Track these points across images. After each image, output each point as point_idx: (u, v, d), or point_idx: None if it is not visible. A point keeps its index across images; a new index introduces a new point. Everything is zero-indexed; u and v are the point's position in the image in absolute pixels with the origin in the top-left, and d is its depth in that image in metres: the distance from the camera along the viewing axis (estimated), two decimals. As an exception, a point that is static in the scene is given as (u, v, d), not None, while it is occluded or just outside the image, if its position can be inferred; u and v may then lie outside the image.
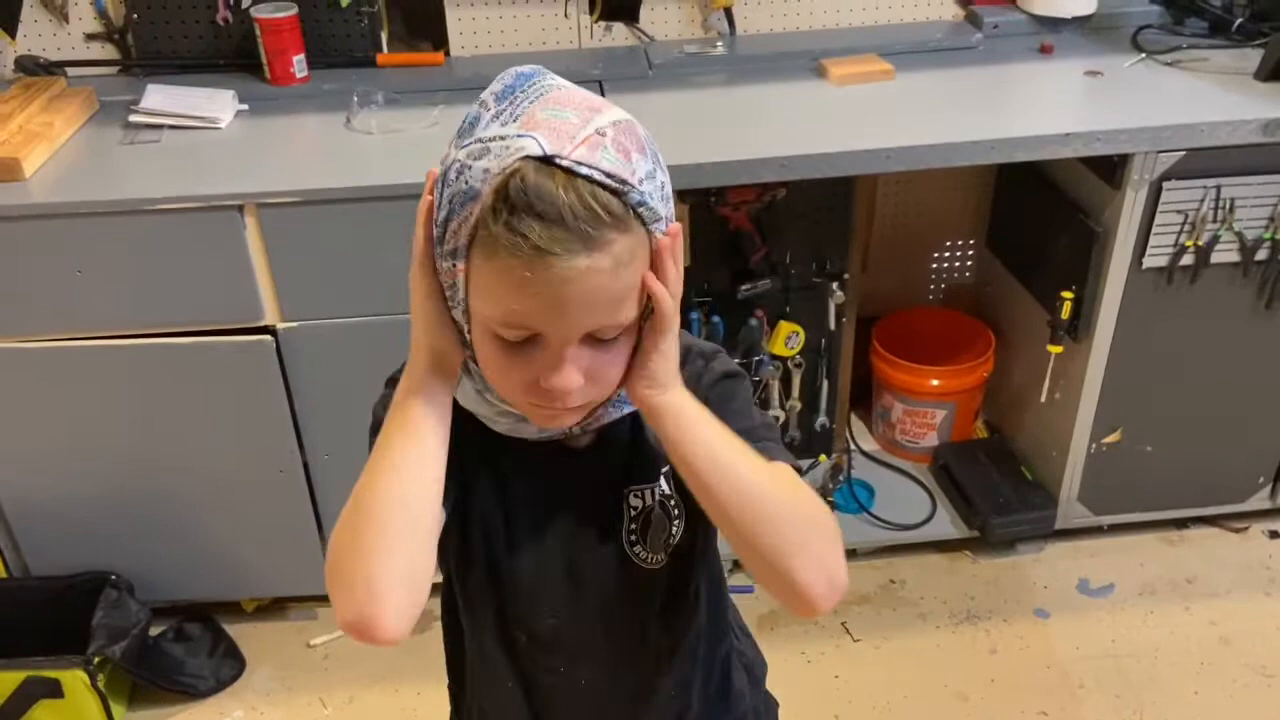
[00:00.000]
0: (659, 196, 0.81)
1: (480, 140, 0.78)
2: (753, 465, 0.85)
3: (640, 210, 0.78)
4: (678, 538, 0.97)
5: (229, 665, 2.12)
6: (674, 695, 1.06)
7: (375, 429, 0.92)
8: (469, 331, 0.84)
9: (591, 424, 0.92)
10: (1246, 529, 2.37)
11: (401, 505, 0.83)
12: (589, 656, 1.01)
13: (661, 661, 1.03)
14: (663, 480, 0.96)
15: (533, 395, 0.83)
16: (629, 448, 0.95)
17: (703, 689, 1.08)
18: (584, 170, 0.76)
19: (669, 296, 0.82)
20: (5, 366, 1.89)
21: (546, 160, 0.75)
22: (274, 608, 2.25)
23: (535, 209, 0.74)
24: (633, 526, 0.96)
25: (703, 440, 0.84)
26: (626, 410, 0.93)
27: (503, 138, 0.77)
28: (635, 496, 0.96)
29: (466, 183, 0.77)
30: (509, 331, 0.80)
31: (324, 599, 2.22)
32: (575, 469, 0.95)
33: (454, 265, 0.80)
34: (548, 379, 0.81)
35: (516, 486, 0.96)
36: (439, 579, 0.98)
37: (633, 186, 0.77)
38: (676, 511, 0.96)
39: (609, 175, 0.76)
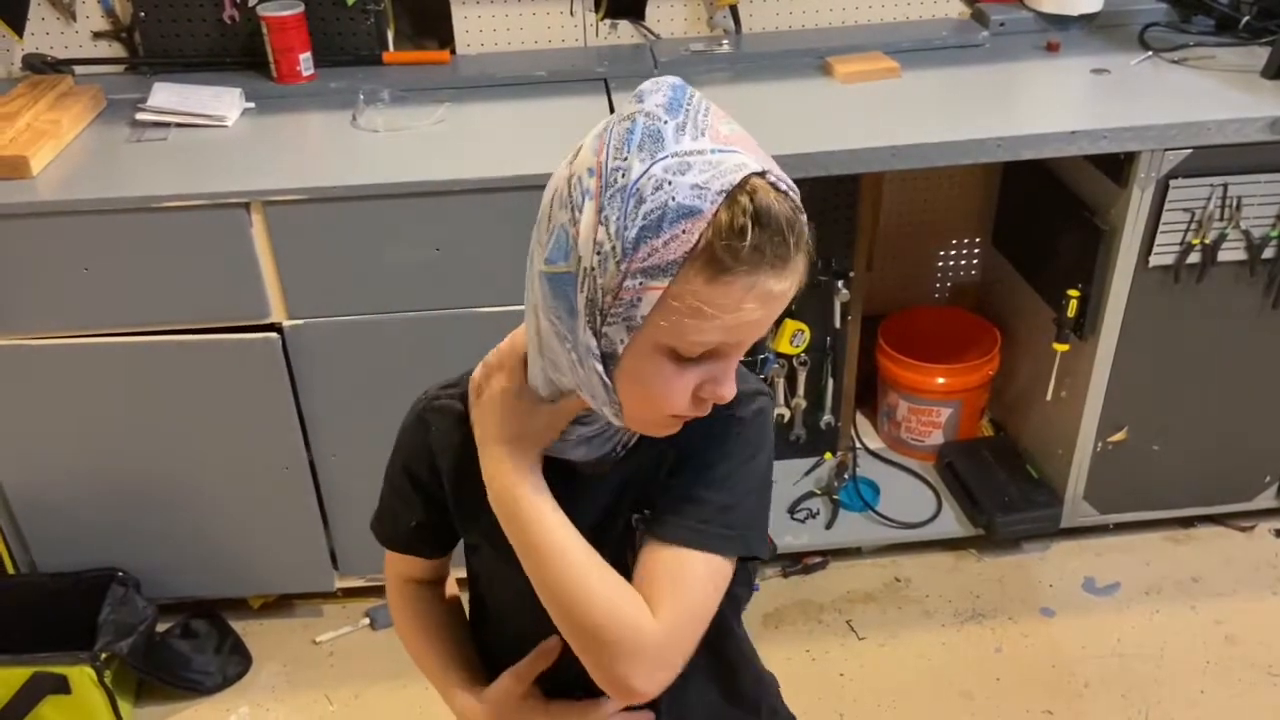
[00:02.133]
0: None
1: (676, 155, 0.75)
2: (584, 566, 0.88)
3: (808, 237, 0.80)
4: None
5: (235, 662, 2.12)
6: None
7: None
8: (620, 351, 0.79)
9: (629, 441, 0.93)
10: (1253, 528, 2.37)
11: (589, 593, 0.87)
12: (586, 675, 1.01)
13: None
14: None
15: (691, 407, 0.83)
16: (642, 467, 0.94)
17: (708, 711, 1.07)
18: (784, 186, 0.78)
19: None
20: (13, 364, 1.90)
21: (760, 176, 0.76)
22: (280, 605, 2.25)
23: (772, 226, 0.75)
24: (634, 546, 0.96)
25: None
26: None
27: (700, 152, 0.75)
28: (639, 518, 0.95)
29: (674, 199, 0.74)
30: (697, 348, 0.79)
31: (330, 596, 2.23)
32: (592, 494, 0.94)
33: (642, 283, 0.76)
34: (716, 390, 0.82)
35: None
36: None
37: (800, 205, 0.80)
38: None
39: (795, 192, 0.79)
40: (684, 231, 0.74)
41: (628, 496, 0.94)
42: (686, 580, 0.88)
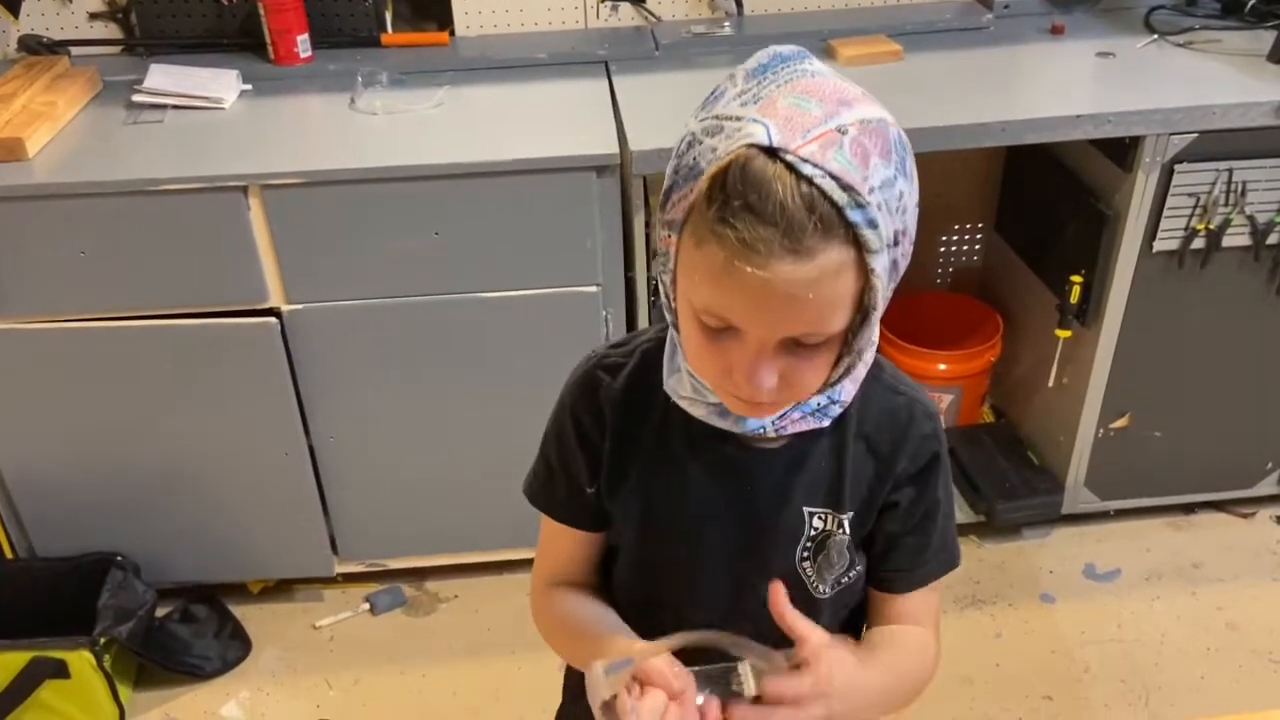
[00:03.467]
0: (889, 208, 0.74)
1: (717, 117, 0.75)
2: (890, 689, 0.95)
3: (861, 230, 0.72)
4: (848, 583, 0.97)
5: (235, 647, 2.12)
6: None
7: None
8: (674, 303, 0.83)
9: (785, 428, 0.90)
10: (1254, 514, 2.37)
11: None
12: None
13: None
14: (847, 521, 0.95)
15: (727, 382, 0.81)
16: (824, 468, 0.93)
17: None
18: (807, 169, 0.71)
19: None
20: (10, 348, 1.89)
21: (771, 151, 0.71)
22: (280, 589, 2.25)
23: (748, 201, 0.71)
24: (808, 544, 0.94)
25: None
26: (825, 423, 0.90)
27: (738, 118, 0.74)
28: (819, 518, 0.94)
29: (694, 159, 0.75)
30: (710, 319, 0.78)
31: (329, 581, 2.23)
32: (762, 471, 0.93)
33: (669, 235, 0.79)
34: (741, 374, 0.79)
35: (700, 476, 0.94)
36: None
37: (859, 195, 0.72)
38: (856, 563, 0.97)
39: (834, 178, 0.71)
40: (689, 192, 0.75)
41: (801, 480, 0.93)
42: (939, 608, 1.04)
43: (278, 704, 2.04)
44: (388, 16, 2.20)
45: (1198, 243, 1.97)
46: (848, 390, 0.90)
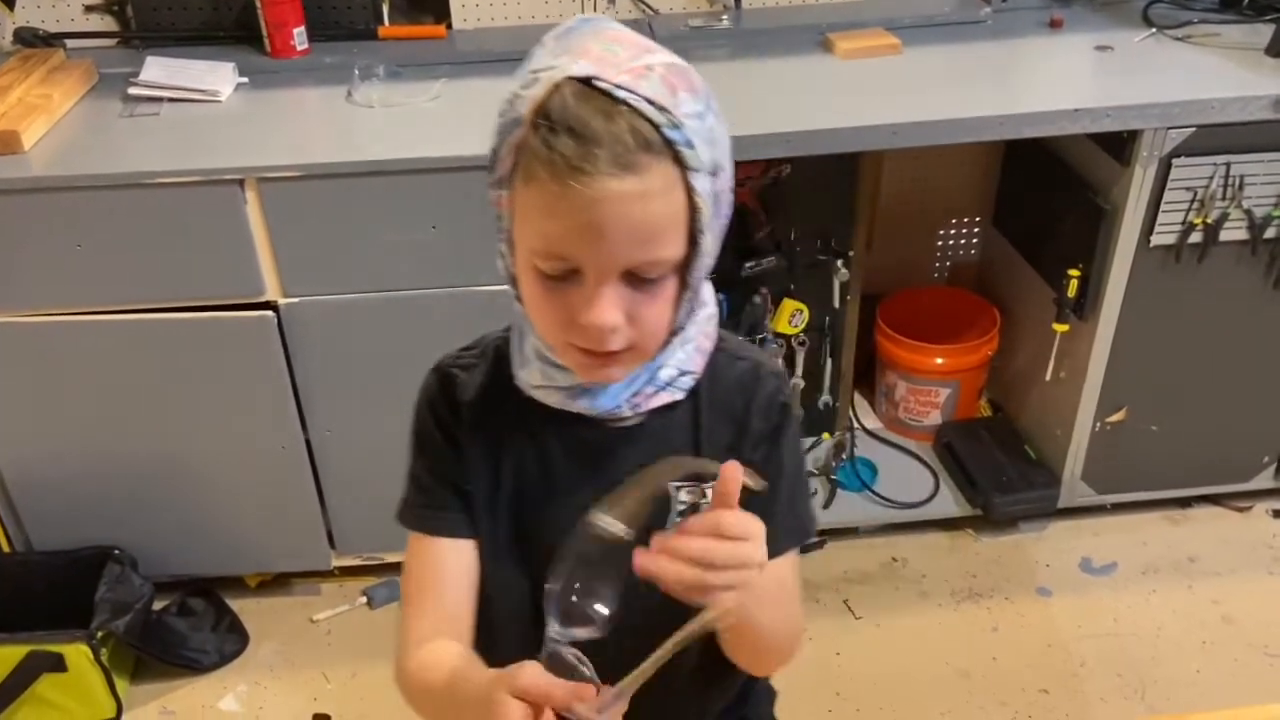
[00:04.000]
0: (704, 138, 0.79)
1: (532, 72, 0.79)
2: (780, 619, 0.94)
3: (679, 148, 0.77)
4: None
5: (232, 640, 2.12)
6: (693, 695, 1.05)
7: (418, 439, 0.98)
8: (514, 265, 0.85)
9: (640, 405, 0.91)
10: (1250, 508, 2.37)
11: None
12: (617, 642, 1.00)
13: (688, 658, 1.01)
14: (710, 491, 0.94)
15: (572, 334, 0.82)
16: (683, 441, 0.94)
17: (722, 694, 1.08)
18: (622, 94, 0.76)
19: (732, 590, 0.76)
20: (6, 341, 1.89)
21: (587, 82, 0.76)
22: (277, 583, 2.25)
23: (570, 125, 0.75)
24: (677, 520, 0.94)
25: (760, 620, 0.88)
26: (680, 395, 0.92)
27: (551, 66, 0.78)
28: (685, 492, 0.94)
29: (514, 111, 0.79)
30: (547, 263, 0.80)
31: (327, 574, 2.23)
32: (624, 451, 0.94)
33: (500, 194, 0.82)
34: (585, 315, 0.80)
35: (563, 465, 0.95)
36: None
37: (673, 116, 0.76)
38: None
39: (649, 101, 0.76)
40: (513, 140, 0.79)
41: (660, 457, 0.92)
42: (796, 577, 1.00)
43: (275, 697, 2.04)
44: (384, 9, 2.19)
45: (1195, 237, 1.97)
46: (696, 361, 0.93)
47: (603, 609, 0.80)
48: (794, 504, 0.99)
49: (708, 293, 0.92)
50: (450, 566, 0.98)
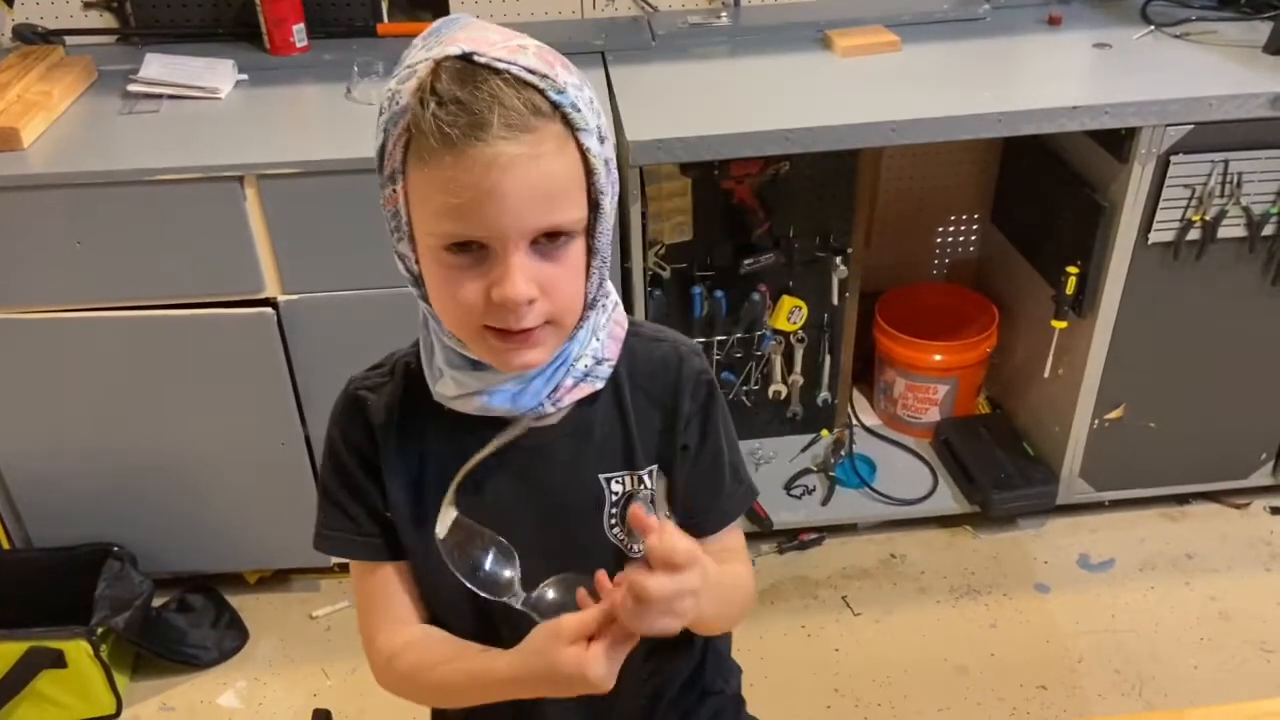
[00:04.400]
0: (588, 106, 0.81)
1: (408, 67, 0.80)
2: (731, 597, 0.95)
3: (566, 110, 0.79)
4: None
5: (232, 636, 2.13)
6: (648, 679, 1.05)
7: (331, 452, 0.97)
8: (417, 264, 0.85)
9: (561, 399, 0.90)
10: (1248, 505, 2.37)
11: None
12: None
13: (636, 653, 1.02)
14: (648, 476, 0.95)
15: (487, 315, 0.82)
16: (610, 432, 0.94)
17: (680, 674, 1.08)
18: (502, 65, 0.78)
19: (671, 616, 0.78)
20: (5, 338, 1.89)
21: (466, 58, 0.77)
22: (276, 579, 2.25)
23: (457, 96, 0.76)
24: (613, 511, 0.95)
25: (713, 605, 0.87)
26: (600, 385, 0.92)
27: (425, 60, 0.79)
28: (617, 482, 0.94)
29: (396, 103, 0.79)
30: (452, 239, 0.80)
31: (326, 571, 2.24)
32: (551, 450, 0.93)
33: (394, 191, 0.82)
34: (498, 290, 0.80)
35: (492, 473, 0.93)
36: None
37: (555, 82, 0.79)
38: (664, 513, 0.96)
39: (530, 70, 0.78)
40: (400, 130, 0.79)
41: (589, 450, 0.94)
42: (744, 543, 1.03)
43: (274, 693, 2.04)
44: (384, 6, 2.19)
45: (1193, 234, 1.97)
46: (611, 348, 0.92)
47: (506, 571, 0.89)
48: (737, 473, 1.00)
49: (609, 285, 0.91)
50: (395, 583, 0.99)
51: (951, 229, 2.66)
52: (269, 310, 1.89)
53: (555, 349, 0.88)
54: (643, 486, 0.95)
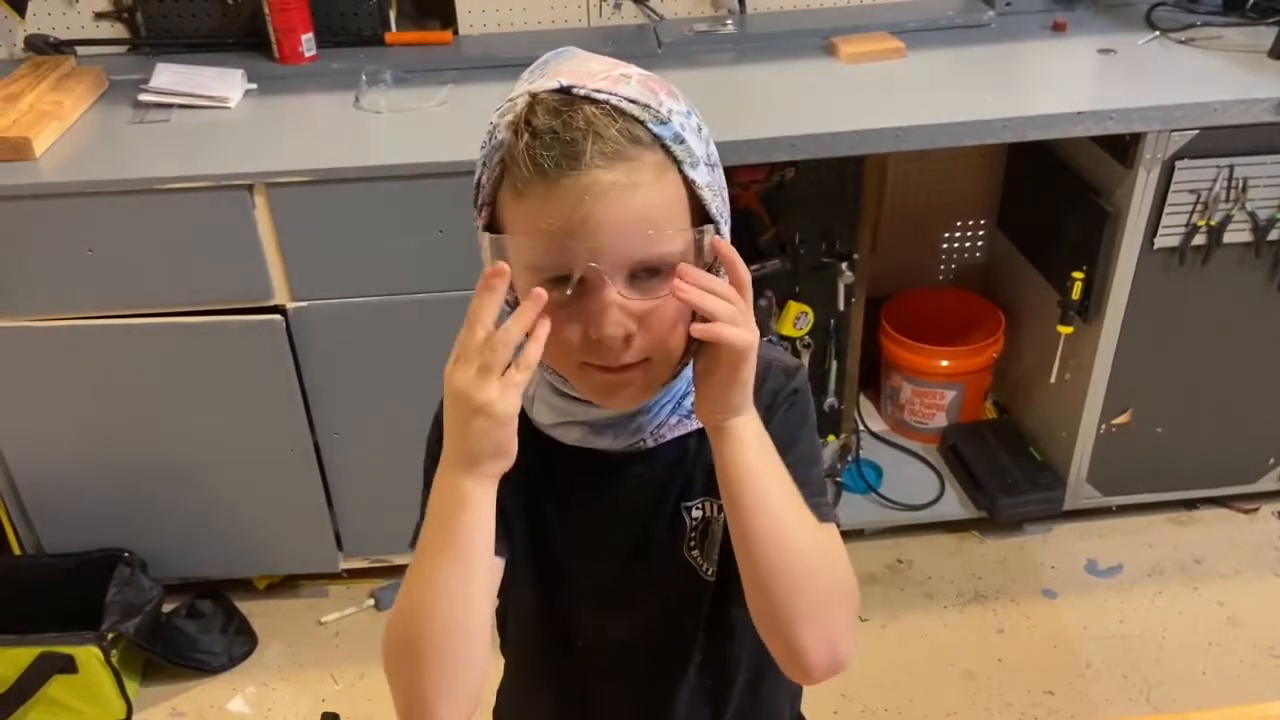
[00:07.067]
0: (694, 132, 0.78)
1: (509, 100, 0.79)
2: (799, 518, 0.82)
3: (668, 143, 0.76)
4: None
5: (241, 642, 2.14)
6: (705, 706, 1.03)
7: (428, 478, 0.86)
8: (516, 301, 0.81)
9: (665, 435, 0.89)
10: (1256, 510, 2.37)
11: (451, 631, 0.80)
12: (631, 662, 0.99)
13: (693, 671, 0.99)
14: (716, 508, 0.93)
15: (585, 352, 0.79)
16: (696, 458, 0.92)
17: (738, 708, 1.05)
18: (601, 97, 0.75)
19: (744, 330, 0.77)
20: (18, 345, 1.90)
21: (565, 91, 0.76)
22: (285, 585, 2.26)
23: (554, 128, 0.74)
24: (693, 535, 0.93)
25: (756, 473, 0.80)
26: (700, 425, 0.88)
27: (526, 91, 0.78)
28: (696, 509, 0.93)
29: (495, 137, 0.78)
30: (546, 271, 0.76)
31: (335, 577, 2.24)
32: (638, 479, 0.91)
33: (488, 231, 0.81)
34: (595, 326, 0.77)
35: (579, 496, 0.92)
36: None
37: (658, 113, 0.76)
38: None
39: (630, 100, 0.75)
40: (496, 163, 0.78)
41: (677, 480, 0.92)
42: (837, 542, 0.87)
43: (283, 699, 2.05)
44: (392, 16, 2.20)
45: (1199, 239, 1.97)
46: None
47: None
48: (810, 486, 0.90)
49: None
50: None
51: (957, 234, 2.66)
52: (278, 317, 1.90)
53: (658, 388, 0.85)
54: (721, 514, 0.95)
